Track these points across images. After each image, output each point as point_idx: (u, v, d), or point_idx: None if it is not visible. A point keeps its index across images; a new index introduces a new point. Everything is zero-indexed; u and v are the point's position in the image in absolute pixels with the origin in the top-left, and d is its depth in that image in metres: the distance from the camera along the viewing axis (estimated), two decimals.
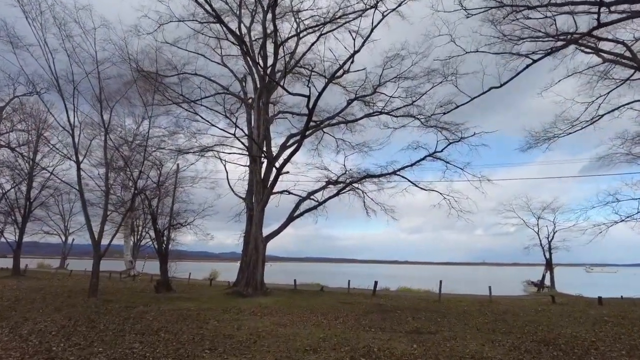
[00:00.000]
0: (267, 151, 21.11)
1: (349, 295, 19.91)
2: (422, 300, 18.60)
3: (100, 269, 17.72)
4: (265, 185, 20.43)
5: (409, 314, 13.41)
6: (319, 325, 10.67)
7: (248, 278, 19.67)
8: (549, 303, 16.87)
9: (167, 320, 10.83)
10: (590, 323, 11.59)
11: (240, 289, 19.40)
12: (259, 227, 20.06)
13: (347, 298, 18.66)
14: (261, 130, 21.04)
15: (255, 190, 20.52)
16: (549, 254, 29.91)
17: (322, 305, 15.76)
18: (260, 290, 19.55)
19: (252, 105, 22.05)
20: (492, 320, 12.15)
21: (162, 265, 21.35)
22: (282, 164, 19.47)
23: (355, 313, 13.50)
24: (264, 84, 21.30)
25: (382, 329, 10.42)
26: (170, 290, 20.76)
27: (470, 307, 15.94)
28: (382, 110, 22.22)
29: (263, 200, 20.09)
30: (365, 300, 18.01)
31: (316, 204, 21.67)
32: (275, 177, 19.65)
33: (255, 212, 20.20)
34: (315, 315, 12.75)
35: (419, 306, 16.10)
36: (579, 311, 14.40)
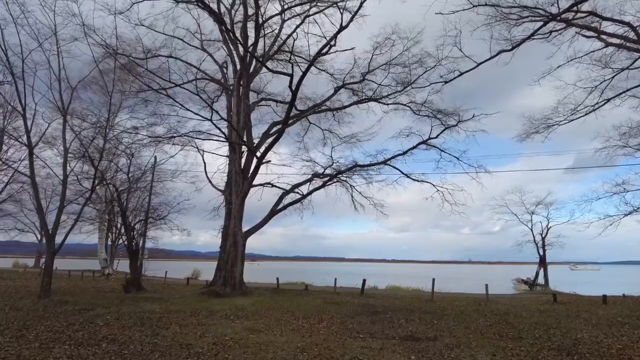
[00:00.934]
0: (248, 139, 19.48)
1: (336, 295, 18.44)
2: (414, 300, 17.23)
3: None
4: (246, 177, 18.82)
5: (402, 316, 11.99)
6: (298, 331, 9.15)
7: (226, 277, 18.05)
8: (550, 302, 15.65)
9: (120, 326, 9.19)
10: (605, 325, 10.30)
11: (217, 289, 17.77)
12: (238, 222, 18.44)
13: (333, 298, 17.20)
14: (241, 117, 19.41)
15: (234, 181, 18.88)
16: (543, 250, 28.88)
17: (306, 306, 14.26)
18: (239, 289, 17.96)
19: (232, 90, 20.38)
20: (495, 323, 10.79)
21: (133, 263, 19.59)
22: (263, 152, 17.90)
23: (341, 315, 12.03)
24: (245, 66, 19.66)
25: (372, 334, 8.95)
26: (141, 289, 19.03)
27: (467, 307, 14.61)
28: (372, 97, 20.81)
29: (242, 192, 18.48)
30: (352, 300, 16.56)
31: (302, 198, 20.13)
32: (255, 167, 18.06)
33: (234, 204, 18.57)
34: (296, 319, 11.23)
35: (412, 306, 14.71)
36: (586, 311, 13.16)
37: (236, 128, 18.59)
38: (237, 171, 18.88)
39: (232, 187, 18.99)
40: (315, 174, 21.19)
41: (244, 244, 18.76)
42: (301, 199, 20.04)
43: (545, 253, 28.94)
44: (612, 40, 17.55)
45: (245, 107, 19.56)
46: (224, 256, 18.76)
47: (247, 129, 19.67)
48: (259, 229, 19.31)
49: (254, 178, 18.34)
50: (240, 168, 19.05)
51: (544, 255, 28.89)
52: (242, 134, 19.09)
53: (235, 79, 20.02)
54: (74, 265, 41.65)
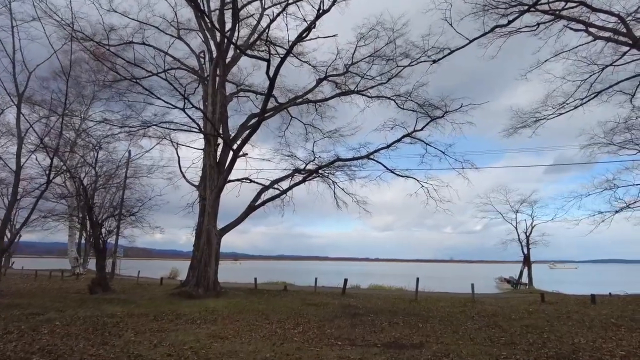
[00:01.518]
0: (224, 131, 18.39)
1: (316, 295, 17.54)
2: (398, 300, 16.45)
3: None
4: (221, 171, 17.73)
5: (385, 319, 11.15)
6: (269, 338, 8.20)
7: (199, 277, 16.95)
8: (538, 302, 15.07)
9: (65, 334, 8.07)
10: (599, 328, 9.66)
11: (189, 289, 16.66)
12: (212, 218, 17.35)
13: (313, 298, 16.29)
14: (217, 108, 18.31)
15: (209, 176, 17.77)
16: (527, 249, 28.55)
17: (282, 307, 13.31)
18: (212, 290, 16.88)
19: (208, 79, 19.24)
20: (485, 326, 10.04)
21: (99, 261, 18.28)
22: (239, 145, 16.85)
23: (319, 318, 11.12)
24: (221, 54, 18.56)
25: (352, 341, 8.07)
26: (108, 290, 17.77)
27: (453, 308, 13.89)
28: (356, 89, 19.96)
29: (217, 187, 17.39)
30: (333, 300, 15.68)
31: (281, 193, 19.15)
32: (231, 161, 16.99)
33: (208, 200, 17.47)
34: (270, 323, 10.28)
35: (395, 307, 13.91)
36: (576, 312, 12.57)
37: (210, 119, 17.48)
38: (211, 165, 17.78)
39: (207, 182, 17.88)
40: (296, 170, 20.24)
41: (219, 242, 17.68)
42: (280, 195, 19.07)
43: (529, 252, 28.61)
44: (601, 33, 17.12)
45: (221, 97, 18.46)
46: (197, 255, 17.66)
47: (223, 120, 18.58)
48: (235, 226, 18.24)
49: (229, 172, 17.27)
50: (216, 161, 17.96)
51: (528, 254, 28.55)
52: (218, 126, 17.99)
53: (211, 67, 18.90)
54: (50, 265, 39.75)
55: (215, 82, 18.66)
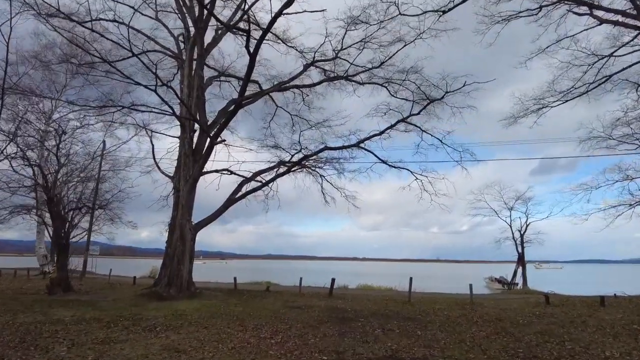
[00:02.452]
0: (201, 117, 16.75)
1: (300, 296, 16.05)
2: (390, 301, 15.07)
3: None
4: (197, 160, 16.11)
5: (377, 324, 9.74)
6: (239, 351, 6.70)
7: (171, 276, 15.32)
8: (542, 304, 13.82)
9: None
10: (626, 336, 8.39)
11: (159, 290, 15.02)
12: (187, 212, 15.73)
13: (297, 300, 14.81)
14: (193, 91, 16.69)
15: (183, 165, 16.14)
16: (522, 248, 27.49)
17: (262, 311, 11.81)
18: (186, 291, 15.28)
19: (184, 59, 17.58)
20: (493, 333, 8.69)
21: (61, 259, 16.54)
22: (217, 131, 15.25)
23: (302, 324, 9.65)
24: (199, 31, 16.94)
25: (341, 354, 6.62)
26: (69, 291, 16.07)
27: (451, 311, 12.54)
28: (345, 74, 18.51)
29: (192, 177, 15.77)
30: (319, 302, 14.22)
31: (262, 185, 17.62)
32: (208, 148, 15.39)
33: (182, 191, 15.85)
34: (243, 329, 8.78)
35: (388, 310, 12.51)
36: (588, 316, 11.33)
37: (185, 101, 15.85)
38: (186, 153, 16.15)
39: (181, 172, 16.25)
40: (281, 162, 18.71)
41: (194, 238, 16.06)
42: (262, 187, 17.54)
43: (523, 251, 27.56)
44: (607, 16, 16.02)
45: (198, 80, 16.85)
46: (169, 252, 16.00)
47: (200, 104, 16.94)
48: (212, 220, 16.63)
49: (205, 160, 15.66)
50: (191, 149, 16.33)
51: (523, 253, 27.48)
52: (195, 111, 16.36)
53: (187, 46, 17.26)
54: (27, 263, 37.46)
55: (192, 63, 17.04)
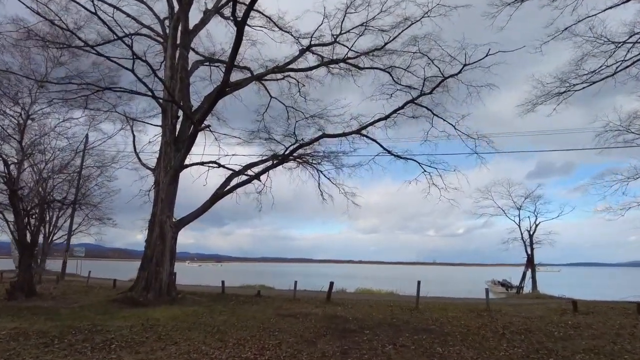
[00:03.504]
0: (184, 101, 15.03)
1: (295, 302, 14.32)
2: (395, 308, 13.38)
3: None
4: (179, 149, 14.39)
5: (386, 337, 8.05)
6: None
7: (149, 279, 13.59)
8: (569, 311, 12.17)
9: None
10: None
11: (135, 295, 13.27)
12: (167, 207, 14.01)
13: (290, 307, 13.09)
14: (177, 73, 15.01)
15: (164, 154, 14.44)
16: (531, 249, 25.85)
17: (249, 320, 10.09)
18: (166, 295, 13.55)
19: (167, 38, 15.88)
20: (533, 352, 7.03)
21: (24, 260, 14.70)
22: (201, 115, 13.53)
23: (295, 338, 7.95)
24: (183, 7, 15.27)
25: None
26: (33, 295, 14.27)
27: (468, 319, 10.87)
28: (345, 58, 16.88)
29: (173, 168, 14.05)
30: (315, 309, 12.51)
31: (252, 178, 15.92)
32: (192, 134, 13.67)
33: (162, 184, 14.13)
34: (222, 346, 7.07)
35: (395, 318, 10.83)
36: (633, 326, 9.69)
37: (167, 84, 14.15)
38: (168, 141, 14.44)
39: (161, 162, 14.53)
40: (275, 155, 17.01)
41: (175, 237, 14.32)
42: (252, 179, 15.83)
43: (533, 252, 25.89)
44: None
45: (182, 61, 15.16)
46: (148, 252, 14.26)
47: (184, 88, 15.21)
48: (196, 217, 14.90)
49: (189, 149, 13.94)
50: (173, 137, 14.62)
51: (532, 254, 25.83)
52: (179, 97, 14.65)
53: (170, 24, 15.58)
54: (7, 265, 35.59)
55: (176, 42, 15.36)
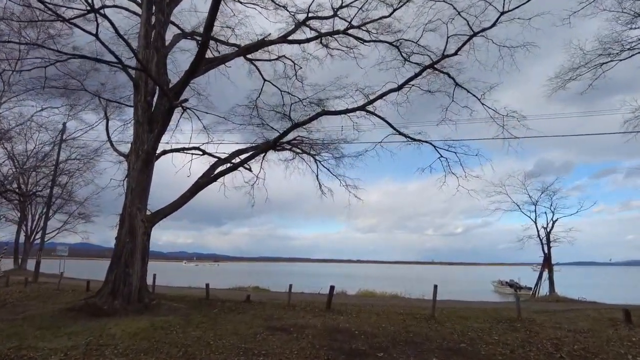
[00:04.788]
0: (160, 74, 12.84)
1: (289, 310, 12.19)
2: (408, 317, 11.28)
3: None
4: (153, 130, 12.23)
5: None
6: None
7: (116, 283, 11.43)
8: (620, 322, 10.10)
9: None
10: None
11: (98, 302, 11.12)
12: (138, 197, 11.85)
13: (284, 315, 10.98)
14: (151, 43, 12.85)
15: (136, 135, 12.29)
16: (548, 248, 23.76)
17: (230, 337, 7.98)
18: (136, 302, 11.38)
19: None
20: None
21: None
22: (177, 89, 11.37)
23: None
24: None
25: None
26: None
27: (501, 334, 8.79)
28: (346, 28, 14.76)
29: (145, 151, 11.88)
30: (313, 319, 10.40)
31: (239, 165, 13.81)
32: (167, 111, 11.49)
33: (133, 170, 11.99)
34: None
35: (411, 332, 8.75)
36: None
37: (141, 55, 12.00)
38: (140, 120, 12.28)
39: (133, 145, 12.38)
40: (267, 142, 14.85)
41: (148, 233, 12.16)
42: (238, 166, 13.71)
43: (550, 251, 23.78)
44: None
45: (158, 27, 12.98)
46: (117, 251, 12.10)
47: (160, 59, 13.01)
48: (175, 209, 12.73)
49: (163, 129, 11.74)
50: (147, 116, 12.46)
51: (549, 253, 23.72)
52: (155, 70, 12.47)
53: None
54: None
55: (152, 6, 13.20)
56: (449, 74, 11.31)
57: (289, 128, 13.17)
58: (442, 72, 11.39)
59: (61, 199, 32.86)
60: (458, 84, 11.28)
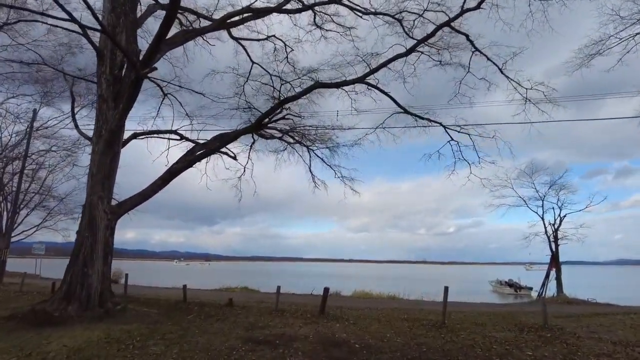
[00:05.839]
0: (129, 43, 11.05)
1: (277, 316, 10.53)
2: (415, 324, 9.71)
3: None
4: (117, 105, 10.47)
5: None
6: None
7: (72, 284, 9.68)
8: None
9: None
10: None
11: (49, 307, 9.36)
12: (100, 184, 10.10)
13: (269, 323, 9.33)
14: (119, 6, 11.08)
15: (99, 112, 10.54)
16: (555, 246, 22.29)
17: (199, 354, 6.34)
18: (97, 308, 9.65)
19: None
20: None
21: None
22: (145, 57, 9.62)
23: None
24: None
25: None
26: None
27: (534, 347, 7.24)
28: None
29: (109, 130, 10.13)
30: (304, 328, 8.77)
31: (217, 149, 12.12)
32: (133, 82, 9.73)
33: (95, 153, 10.25)
34: None
35: (424, 345, 7.19)
36: None
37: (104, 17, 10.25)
38: (104, 95, 10.52)
39: (96, 125, 10.62)
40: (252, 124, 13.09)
41: (112, 225, 10.43)
42: (216, 150, 12.03)
43: (557, 249, 22.32)
44: None
45: None
46: (75, 248, 10.34)
47: (128, 25, 11.22)
48: (145, 199, 11.00)
49: (130, 103, 9.95)
50: (113, 91, 10.70)
51: (557, 251, 22.26)
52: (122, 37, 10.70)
53: None
54: None
55: None
56: (468, 35, 9.70)
57: (277, 104, 11.50)
58: (460, 32, 9.76)
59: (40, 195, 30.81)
60: (477, 49, 9.66)
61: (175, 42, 12.20)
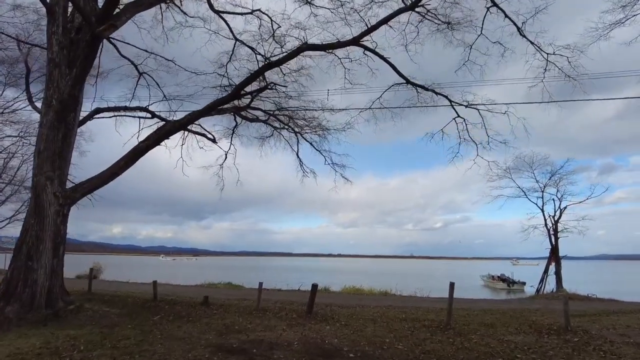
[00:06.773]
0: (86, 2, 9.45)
1: (257, 316, 9.16)
2: (418, 325, 8.44)
3: None
4: (72, 70, 8.90)
5: None
6: None
7: (13, 281, 8.17)
8: None
9: None
10: None
11: None
12: (49, 162, 8.56)
13: (248, 325, 7.96)
14: None
15: (49, 78, 8.96)
16: (555, 239, 21.26)
17: None
18: (42, 308, 8.15)
19: None
20: None
21: None
22: (102, 12, 8.06)
23: None
24: None
25: None
26: None
27: (564, 356, 6.01)
28: None
29: (59, 100, 8.58)
30: (288, 331, 7.43)
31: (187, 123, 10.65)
32: (89, 43, 8.18)
33: (43, 126, 8.70)
34: None
35: (430, 354, 5.89)
36: None
37: None
38: (55, 58, 8.94)
39: (45, 93, 9.05)
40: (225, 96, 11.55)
41: (64, 212, 8.90)
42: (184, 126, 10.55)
43: (557, 242, 21.30)
44: None
45: None
46: (19, 239, 8.81)
47: None
48: (105, 182, 9.48)
49: (86, 67, 8.44)
50: (66, 54, 9.13)
51: (557, 245, 21.22)
52: None
53: None
54: None
55: None
56: None
57: (259, 70, 10.04)
58: None
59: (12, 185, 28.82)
60: (495, 4, 8.32)
61: (143, 2, 10.61)
